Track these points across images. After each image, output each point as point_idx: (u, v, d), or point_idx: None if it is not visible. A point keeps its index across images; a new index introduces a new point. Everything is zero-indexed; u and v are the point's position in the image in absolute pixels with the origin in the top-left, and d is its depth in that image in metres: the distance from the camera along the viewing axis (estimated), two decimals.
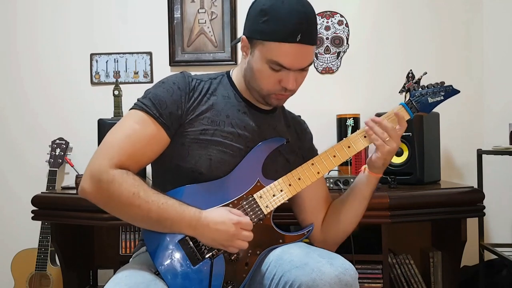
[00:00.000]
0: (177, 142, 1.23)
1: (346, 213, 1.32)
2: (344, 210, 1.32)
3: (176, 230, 1.14)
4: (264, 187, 1.23)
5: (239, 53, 2.47)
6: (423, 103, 1.30)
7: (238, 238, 1.13)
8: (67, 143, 2.45)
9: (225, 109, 1.26)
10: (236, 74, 1.33)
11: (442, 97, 1.31)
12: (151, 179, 1.37)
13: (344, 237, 1.36)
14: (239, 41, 1.28)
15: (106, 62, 2.56)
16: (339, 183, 1.91)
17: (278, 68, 1.19)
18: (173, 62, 2.54)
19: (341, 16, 2.49)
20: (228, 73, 1.35)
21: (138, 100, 1.23)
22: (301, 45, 1.17)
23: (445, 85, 1.32)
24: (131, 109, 1.23)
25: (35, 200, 2.05)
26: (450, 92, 1.32)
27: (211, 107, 1.25)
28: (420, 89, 1.31)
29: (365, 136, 1.27)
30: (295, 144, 1.38)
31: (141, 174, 2.13)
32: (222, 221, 1.12)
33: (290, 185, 1.24)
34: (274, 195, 1.22)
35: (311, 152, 1.43)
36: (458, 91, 1.32)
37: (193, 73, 1.32)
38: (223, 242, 1.13)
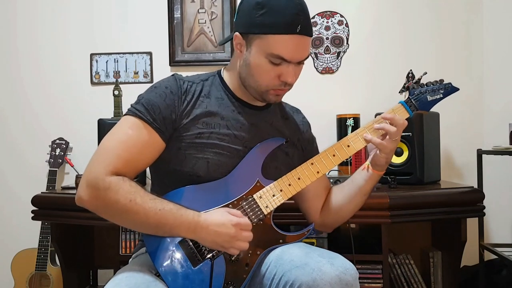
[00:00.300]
0: (174, 147, 1.22)
1: (347, 205, 1.35)
2: (346, 203, 1.35)
3: (175, 234, 1.14)
4: (264, 187, 1.23)
5: None
6: (422, 101, 1.30)
7: (238, 239, 1.12)
8: (67, 143, 2.45)
9: (219, 111, 1.26)
10: (228, 73, 1.32)
11: (441, 95, 1.31)
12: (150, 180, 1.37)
13: (342, 223, 1.40)
14: (229, 40, 1.28)
15: (106, 62, 2.56)
16: (339, 183, 1.90)
17: (278, 62, 1.18)
18: (173, 62, 2.54)
19: (341, 16, 2.49)
20: (219, 73, 1.34)
21: (131, 105, 1.23)
22: (301, 36, 1.17)
23: (444, 82, 1.32)
24: (124, 115, 1.22)
25: (35, 200, 2.05)
26: (449, 89, 1.31)
27: (205, 110, 1.24)
28: (419, 87, 1.31)
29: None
30: (294, 136, 1.38)
31: (141, 175, 2.16)
32: (222, 223, 1.12)
33: (289, 185, 1.24)
34: (273, 195, 1.22)
35: (311, 142, 1.44)
36: (458, 89, 1.32)
37: (184, 74, 1.31)
38: (223, 244, 1.13)
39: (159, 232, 1.14)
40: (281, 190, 1.23)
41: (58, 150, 2.42)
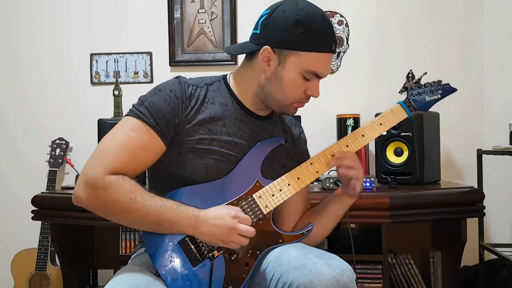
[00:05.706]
0: (174, 151, 1.22)
1: (319, 229, 1.33)
2: (317, 225, 1.31)
3: (175, 230, 1.15)
4: (263, 187, 1.23)
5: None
6: (420, 102, 1.31)
7: (237, 233, 1.13)
8: (67, 143, 2.45)
9: (222, 118, 1.25)
10: (235, 80, 1.31)
11: (439, 96, 1.33)
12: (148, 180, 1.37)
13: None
14: (253, 50, 1.24)
15: (106, 62, 2.57)
16: (339, 183, 1.90)
17: (310, 77, 1.22)
18: (173, 62, 2.54)
19: (341, 16, 2.49)
20: (225, 78, 1.33)
21: (133, 106, 1.22)
22: (332, 54, 1.24)
23: (442, 83, 1.33)
24: (126, 115, 1.21)
25: (35, 200, 2.06)
26: (447, 90, 1.33)
27: (209, 115, 1.24)
28: (417, 88, 1.32)
29: (363, 135, 1.27)
30: (290, 149, 1.38)
31: (141, 175, 2.15)
32: (221, 216, 1.13)
33: (289, 184, 1.24)
34: (273, 195, 1.22)
35: (305, 156, 1.42)
36: (455, 89, 1.33)
37: (188, 76, 1.30)
38: (222, 237, 1.13)
39: (160, 228, 1.14)
40: (280, 190, 1.23)
41: (58, 150, 2.42)
